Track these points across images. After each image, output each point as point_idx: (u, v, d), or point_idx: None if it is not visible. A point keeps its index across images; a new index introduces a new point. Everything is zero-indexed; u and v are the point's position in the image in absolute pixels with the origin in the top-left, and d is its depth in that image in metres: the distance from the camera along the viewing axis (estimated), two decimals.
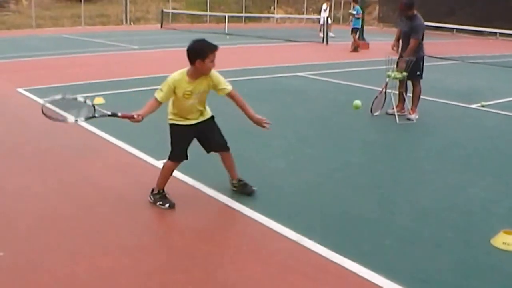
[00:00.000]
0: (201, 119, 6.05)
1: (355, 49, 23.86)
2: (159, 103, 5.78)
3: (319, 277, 4.54)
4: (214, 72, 5.86)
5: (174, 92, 5.74)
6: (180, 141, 6.03)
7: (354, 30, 24.33)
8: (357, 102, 10.20)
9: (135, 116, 5.64)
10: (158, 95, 5.74)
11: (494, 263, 4.84)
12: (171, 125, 6.02)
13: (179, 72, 5.79)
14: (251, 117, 6.10)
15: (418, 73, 10.34)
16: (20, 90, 12.67)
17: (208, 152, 6.28)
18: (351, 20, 25.12)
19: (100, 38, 28.01)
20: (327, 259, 4.80)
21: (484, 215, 5.96)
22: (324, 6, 31.14)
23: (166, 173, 6.08)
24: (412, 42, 10.03)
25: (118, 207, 5.97)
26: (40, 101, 11.29)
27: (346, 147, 8.55)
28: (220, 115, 6.38)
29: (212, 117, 6.19)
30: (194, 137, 6.10)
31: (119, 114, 5.72)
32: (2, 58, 19.50)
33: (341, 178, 7.08)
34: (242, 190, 6.37)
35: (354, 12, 23.92)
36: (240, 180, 6.42)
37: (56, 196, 6.30)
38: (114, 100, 11.50)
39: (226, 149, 6.27)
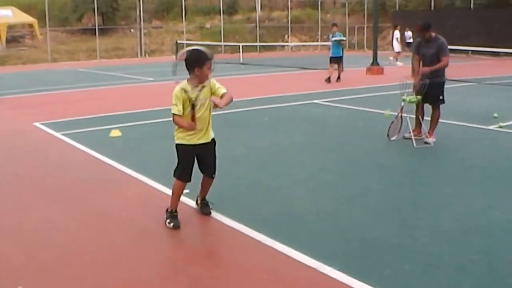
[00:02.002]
0: (205, 140, 6.27)
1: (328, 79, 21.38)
2: (181, 116, 6.06)
3: None
4: (212, 79, 6.16)
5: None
6: (185, 161, 6.27)
7: (334, 59, 21.44)
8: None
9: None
10: (175, 110, 6.04)
11: None
12: (177, 145, 6.28)
13: (180, 84, 6.13)
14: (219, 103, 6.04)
15: (441, 97, 10.28)
16: (37, 124, 12.79)
17: (201, 171, 6.50)
18: (330, 48, 21.93)
19: (116, 71, 28.26)
20: (348, 286, 4.75)
21: (506, 237, 5.88)
22: (398, 33, 30.82)
23: (175, 192, 6.34)
24: (445, 59, 9.99)
25: (138, 239, 5.96)
26: (58, 134, 11.41)
27: (365, 172, 8.51)
28: (243, 146, 6.38)
29: (214, 141, 6.42)
30: (195, 156, 6.34)
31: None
32: (19, 92, 19.74)
33: (361, 204, 7.03)
34: (201, 209, 6.67)
35: (342, 38, 21.65)
36: (203, 200, 6.68)
37: (76, 229, 6.31)
38: (131, 132, 11.57)
39: (211, 177, 6.53)
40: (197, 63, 5.97)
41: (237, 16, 53.22)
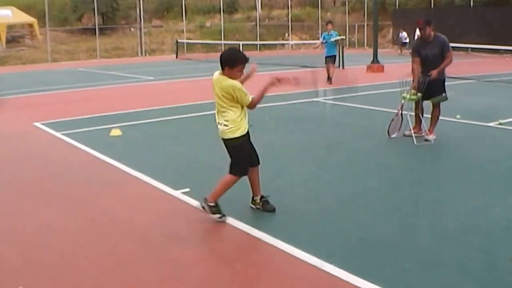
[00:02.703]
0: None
1: (330, 79, 20.26)
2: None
3: None
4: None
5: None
6: (246, 152, 6.32)
7: (330, 59, 20.92)
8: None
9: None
10: (250, 97, 6.19)
11: None
12: (238, 138, 6.22)
13: (226, 78, 6.14)
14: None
15: (443, 94, 10.27)
16: (37, 124, 12.79)
17: (252, 165, 6.49)
18: (325, 46, 21.09)
19: (116, 71, 28.24)
20: (349, 283, 4.76)
21: (507, 235, 5.87)
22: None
23: (227, 187, 6.29)
24: (449, 55, 10.04)
25: (139, 241, 5.95)
26: (58, 134, 11.42)
27: (365, 171, 8.50)
28: None
29: None
30: None
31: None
32: (19, 93, 19.73)
33: (361, 202, 7.02)
34: (264, 208, 6.56)
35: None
36: (262, 197, 6.59)
37: (77, 231, 6.29)
38: (132, 131, 11.56)
39: (258, 162, 6.55)
40: (227, 63, 6.08)
41: (237, 15, 53.27)
